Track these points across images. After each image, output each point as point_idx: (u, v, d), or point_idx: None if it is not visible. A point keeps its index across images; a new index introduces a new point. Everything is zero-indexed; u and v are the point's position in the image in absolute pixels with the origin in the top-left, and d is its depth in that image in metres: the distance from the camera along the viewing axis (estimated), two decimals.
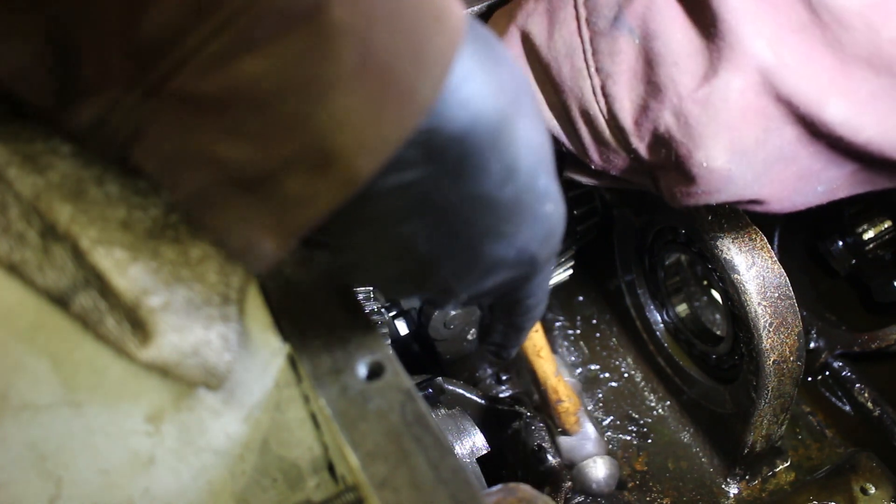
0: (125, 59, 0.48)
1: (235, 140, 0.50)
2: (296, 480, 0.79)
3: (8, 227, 0.62)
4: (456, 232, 0.58)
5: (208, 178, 0.52)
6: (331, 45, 0.47)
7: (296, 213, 0.52)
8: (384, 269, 0.62)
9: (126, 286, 0.62)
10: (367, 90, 0.49)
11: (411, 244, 0.58)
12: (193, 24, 0.46)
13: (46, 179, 0.60)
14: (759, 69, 0.81)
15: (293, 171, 0.50)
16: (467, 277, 0.63)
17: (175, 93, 0.48)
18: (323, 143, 0.49)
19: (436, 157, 0.53)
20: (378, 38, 0.48)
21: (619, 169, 0.98)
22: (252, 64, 0.47)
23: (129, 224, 0.62)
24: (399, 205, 0.55)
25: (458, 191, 0.56)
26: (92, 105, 0.50)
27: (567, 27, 0.91)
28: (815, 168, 0.88)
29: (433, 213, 0.56)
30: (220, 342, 0.66)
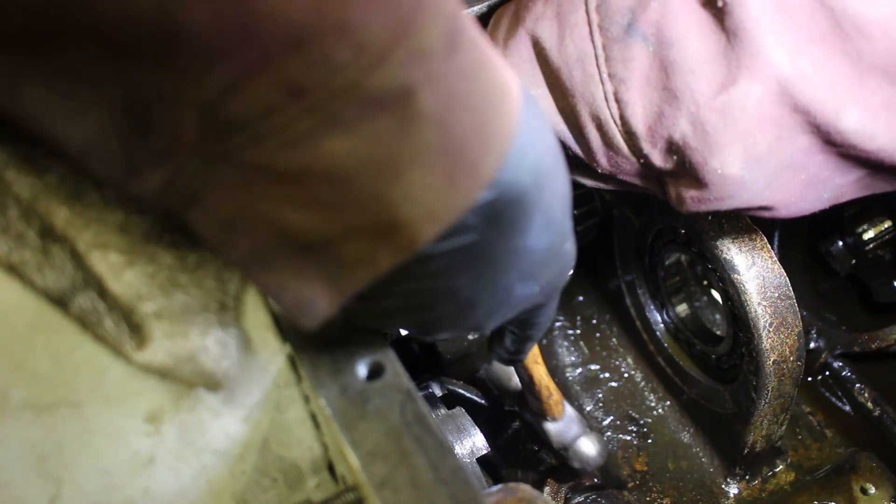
0: (199, 130, 0.47)
1: (305, 209, 0.50)
2: (296, 480, 0.79)
3: (7, 228, 0.62)
4: (495, 279, 0.61)
5: (267, 240, 0.52)
6: (414, 129, 0.49)
7: (352, 274, 0.53)
8: (422, 316, 0.64)
9: (121, 291, 0.62)
10: (441, 168, 0.51)
11: (453, 292, 0.61)
12: (285, 105, 0.46)
13: (44, 181, 0.60)
14: (778, 78, 0.82)
15: (356, 238, 0.52)
16: (498, 315, 0.67)
17: (248, 163, 0.48)
18: (393, 214, 0.51)
19: (494, 220, 0.56)
20: (455, 119, 0.50)
21: (627, 173, 0.98)
22: (336, 143, 0.48)
23: (127, 228, 0.62)
24: (451, 263, 0.58)
25: (505, 245, 0.59)
26: (157, 175, 0.50)
27: (578, 32, 0.91)
28: (823, 175, 0.89)
29: (480, 265, 0.59)
30: (218, 349, 0.65)
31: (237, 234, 0.52)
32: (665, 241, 1.35)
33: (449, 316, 0.64)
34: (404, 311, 0.63)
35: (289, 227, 0.51)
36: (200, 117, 0.47)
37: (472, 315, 0.64)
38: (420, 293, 0.60)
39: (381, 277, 0.54)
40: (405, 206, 0.50)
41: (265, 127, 0.47)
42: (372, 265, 0.53)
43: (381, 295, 0.61)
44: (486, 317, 0.66)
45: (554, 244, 0.63)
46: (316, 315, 0.56)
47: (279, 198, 0.50)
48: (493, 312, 0.66)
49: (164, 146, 0.48)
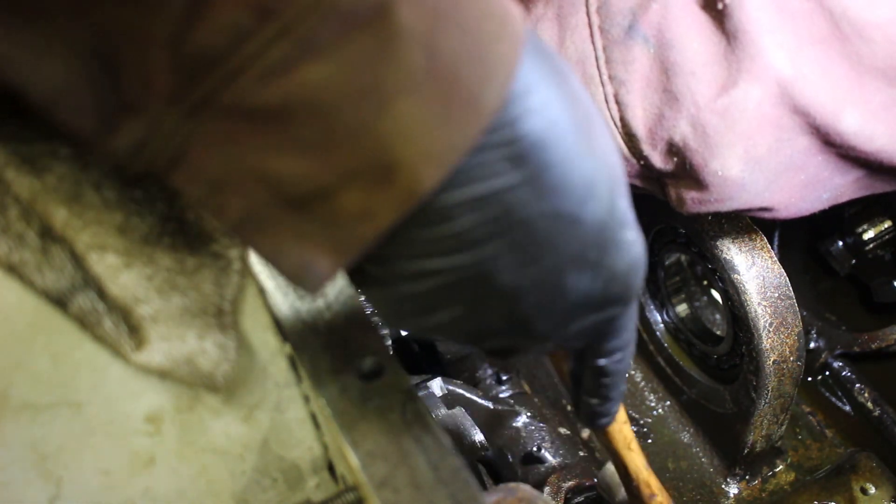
0: (171, 73, 0.44)
1: (291, 154, 0.46)
2: (296, 480, 0.79)
3: (7, 228, 0.62)
4: (539, 257, 0.53)
5: (259, 198, 0.48)
6: (396, 49, 0.45)
7: (353, 229, 0.49)
8: (457, 307, 0.55)
9: (118, 293, 0.62)
10: (433, 96, 0.46)
11: (490, 272, 0.53)
12: (254, 28, 0.43)
13: (43, 182, 0.60)
14: (778, 81, 0.82)
15: (352, 185, 0.47)
16: (552, 314, 0.57)
17: (226, 107, 0.45)
18: (385, 154, 0.46)
19: (520, 164, 0.50)
20: (443, 40, 0.46)
21: (627, 175, 0.98)
22: (314, 71, 0.44)
23: (126, 229, 0.62)
24: (478, 221, 0.51)
25: (542, 205, 0.51)
26: (132, 127, 0.47)
27: (579, 34, 0.91)
28: (822, 176, 0.89)
29: (515, 231, 0.52)
30: (216, 352, 0.65)
31: (227, 194, 0.48)
32: (665, 241, 1.35)
33: (491, 310, 0.55)
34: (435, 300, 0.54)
35: (279, 177, 0.47)
36: (170, 56, 0.44)
37: (520, 309, 0.55)
38: (447, 273, 0.52)
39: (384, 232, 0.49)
40: (398, 143, 0.46)
41: (237, 58, 0.44)
42: (374, 218, 0.48)
43: (402, 276, 0.53)
44: (538, 314, 0.56)
45: (606, 221, 0.54)
46: (317, 280, 0.51)
47: (265, 144, 0.46)
48: (546, 309, 0.56)
49: (137, 93, 0.45)
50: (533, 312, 0.56)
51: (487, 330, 0.57)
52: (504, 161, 0.49)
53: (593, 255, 0.55)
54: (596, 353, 0.68)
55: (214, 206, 0.49)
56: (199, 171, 0.48)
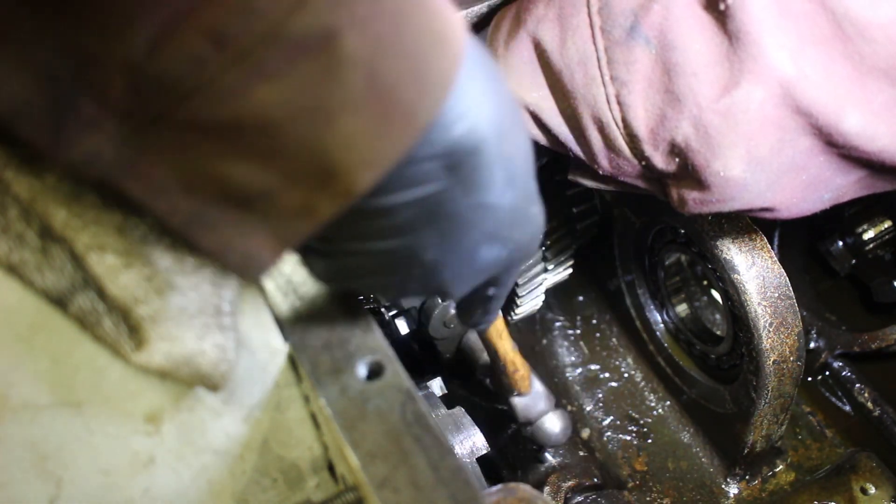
0: (127, 94, 0.48)
1: (239, 161, 0.51)
2: (296, 480, 0.79)
3: (7, 228, 0.62)
4: (459, 239, 0.61)
5: (206, 200, 0.53)
6: (341, 74, 0.49)
7: (293, 223, 0.54)
8: (389, 276, 0.64)
9: (117, 293, 0.62)
10: (372, 113, 0.51)
11: (419, 252, 0.61)
12: (211, 57, 0.47)
13: (43, 181, 0.60)
14: (780, 81, 0.82)
15: (294, 187, 0.52)
16: (465, 279, 0.67)
17: (180, 122, 0.49)
18: (325, 161, 0.51)
19: (454, 169, 0.57)
20: (384, 63, 0.50)
21: (629, 175, 0.98)
22: (265, 93, 0.48)
23: (125, 230, 0.62)
24: (414, 216, 0.58)
25: (468, 200, 0.59)
26: (87, 142, 0.50)
27: (580, 35, 0.91)
28: (824, 176, 0.89)
29: (443, 221, 0.59)
30: (216, 352, 0.65)
31: (176, 196, 0.52)
32: (665, 241, 1.35)
33: (414, 278, 0.64)
34: (369, 271, 0.63)
35: (227, 180, 0.51)
36: (128, 79, 0.47)
37: (438, 278, 0.64)
38: (384, 253, 0.60)
39: (322, 226, 0.54)
40: (339, 153, 0.51)
41: (193, 82, 0.47)
42: (312, 214, 0.53)
43: (344, 252, 0.61)
44: (452, 280, 0.66)
45: (519, 203, 0.63)
46: (260, 269, 0.57)
47: (215, 152, 0.50)
48: (459, 276, 0.66)
49: (93, 111, 0.49)
50: (449, 279, 0.65)
51: (408, 291, 0.67)
52: (441, 169, 0.56)
53: (505, 232, 0.64)
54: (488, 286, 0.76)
55: (163, 210, 0.54)
56: (148, 178, 0.52)
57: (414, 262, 0.62)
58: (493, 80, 0.59)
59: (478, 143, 0.57)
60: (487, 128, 0.57)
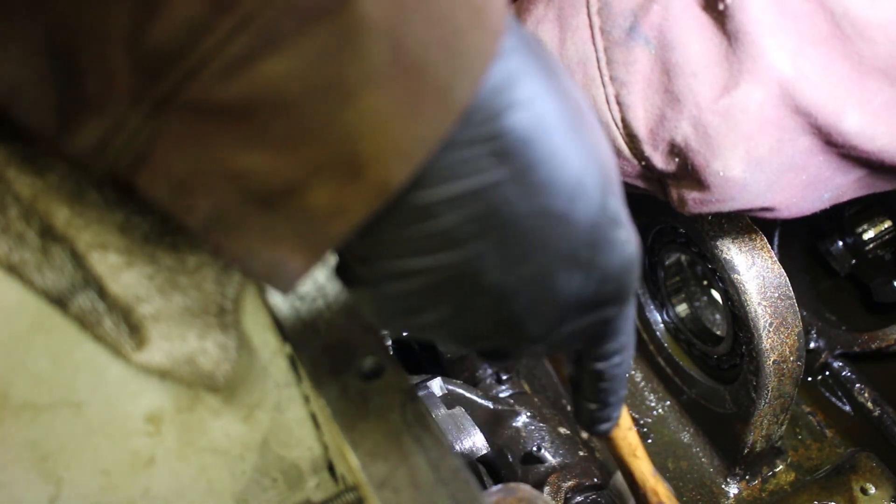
0: (131, 71, 0.44)
1: (257, 149, 0.46)
2: (296, 480, 0.79)
3: (7, 228, 0.62)
4: (527, 256, 0.52)
5: (226, 197, 0.47)
6: (359, 42, 0.43)
7: (324, 226, 0.48)
8: (448, 308, 0.54)
9: (119, 292, 0.62)
10: (399, 89, 0.45)
11: (477, 271, 0.51)
12: (211, 23, 0.42)
13: (45, 181, 0.60)
14: (780, 81, 0.82)
15: (320, 181, 0.46)
16: (543, 315, 0.55)
17: (189, 104, 0.44)
18: (352, 147, 0.45)
19: (505, 160, 0.49)
20: (410, 31, 0.44)
21: (628, 175, 0.98)
22: (276, 65, 0.43)
23: (127, 228, 0.61)
24: (462, 219, 0.49)
25: (528, 202, 0.50)
26: (94, 126, 0.46)
27: (580, 35, 0.91)
28: (824, 176, 0.89)
29: (501, 229, 0.50)
30: (217, 351, 0.65)
31: (194, 194, 0.47)
32: (665, 241, 1.35)
33: (481, 312, 0.54)
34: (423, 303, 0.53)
35: (246, 174, 0.46)
36: (128, 53, 0.43)
37: (509, 310, 0.54)
38: (434, 272, 0.51)
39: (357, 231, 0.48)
40: (364, 137, 0.45)
41: (197, 54, 0.43)
42: (344, 214, 0.47)
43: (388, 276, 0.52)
44: (527, 315, 0.54)
45: (597, 220, 0.53)
46: (290, 279, 0.50)
47: (230, 140, 0.45)
48: (536, 310, 0.54)
49: (97, 91, 0.45)
50: (522, 314, 0.54)
51: (476, 331, 0.56)
52: (489, 157, 0.48)
53: (584, 255, 0.53)
54: (592, 356, 0.66)
55: (181, 208, 0.48)
56: (163, 172, 0.47)
57: (475, 286, 0.52)
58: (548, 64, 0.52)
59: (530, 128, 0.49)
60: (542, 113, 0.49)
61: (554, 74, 0.52)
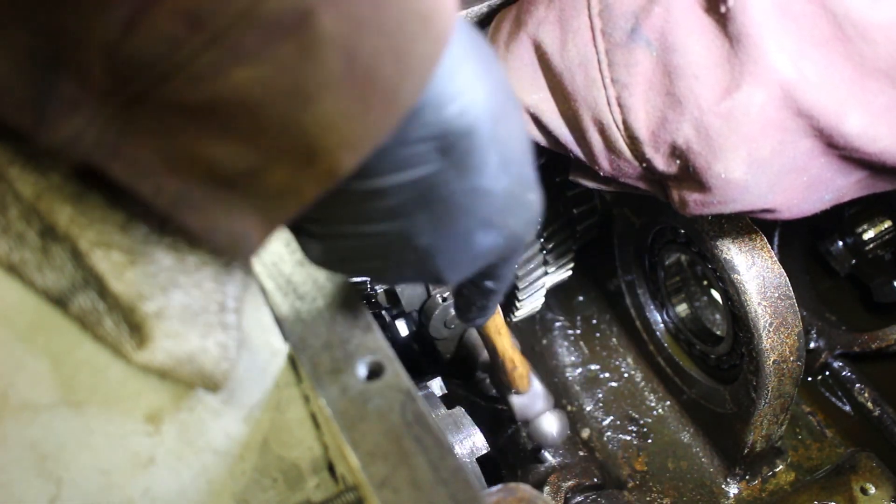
0: (107, 74, 0.48)
1: (222, 141, 0.51)
2: (296, 480, 0.79)
3: (8, 228, 0.62)
4: (454, 224, 0.61)
5: (191, 180, 0.53)
6: (318, 54, 0.49)
7: (279, 203, 0.54)
8: (383, 260, 0.64)
9: (122, 290, 0.62)
10: (351, 94, 0.51)
11: (413, 237, 0.61)
12: (185, 37, 0.47)
13: (48, 180, 0.60)
14: (781, 84, 0.82)
15: (278, 166, 0.52)
16: (459, 266, 0.66)
17: (159, 103, 0.49)
18: (309, 141, 0.51)
19: (447, 152, 0.57)
20: (362, 43, 0.50)
21: (629, 176, 0.98)
22: (242, 74, 0.48)
23: (128, 228, 0.62)
24: (408, 198, 0.58)
25: (461, 183, 0.59)
26: (69, 121, 0.50)
27: (581, 37, 0.91)
28: (825, 177, 0.89)
29: (436, 205, 0.59)
30: (218, 350, 0.65)
31: (161, 177, 0.53)
32: (665, 241, 1.35)
33: (409, 264, 0.64)
34: (363, 255, 0.63)
35: (210, 160, 0.52)
36: (106, 58, 0.47)
37: (433, 264, 0.64)
38: (377, 236, 0.60)
39: (307, 206, 0.54)
40: (320, 134, 0.51)
41: (170, 63, 0.47)
42: (298, 194, 0.54)
43: (338, 235, 0.61)
44: (447, 267, 0.65)
45: (514, 189, 0.62)
46: (249, 249, 0.57)
47: (196, 133, 0.51)
48: (454, 262, 0.65)
49: (74, 91, 0.49)
50: (443, 265, 0.64)
51: (402, 277, 0.67)
52: (433, 151, 0.56)
53: (499, 218, 0.63)
54: (486, 278, 0.76)
55: (150, 190, 0.54)
56: (133, 160, 0.52)
57: (408, 246, 0.62)
58: (487, 63, 0.59)
59: (471, 125, 0.56)
60: (481, 110, 0.57)
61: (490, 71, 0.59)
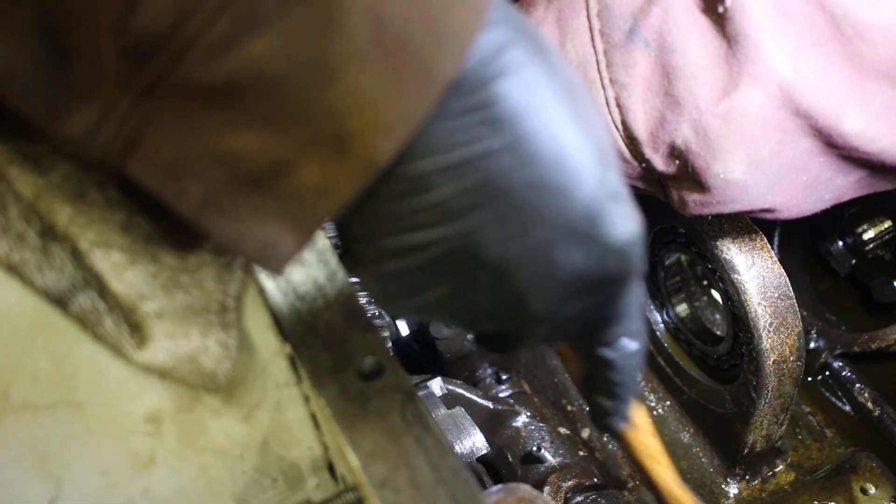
0: (119, 56, 0.45)
1: (245, 130, 0.46)
2: (296, 480, 0.79)
3: (8, 227, 0.62)
4: (526, 229, 0.51)
5: (217, 179, 0.48)
6: (340, 20, 0.44)
7: (313, 204, 0.48)
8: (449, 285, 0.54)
9: (123, 290, 0.62)
10: (381, 67, 0.45)
11: (476, 245, 0.51)
12: (194, 5, 0.43)
13: (47, 180, 0.60)
14: (780, 84, 0.82)
15: (307, 159, 0.47)
16: (544, 291, 0.54)
17: (176, 88, 0.45)
18: (337, 125, 0.46)
19: (498, 129, 0.49)
20: (391, 9, 0.45)
21: (629, 176, 0.99)
22: (258, 45, 0.44)
23: (129, 228, 0.62)
24: (458, 191, 0.49)
25: (524, 173, 0.50)
26: (84, 111, 0.47)
27: (580, 38, 0.91)
28: (824, 177, 0.89)
29: (498, 201, 0.50)
30: (219, 350, 0.65)
31: (185, 178, 0.48)
32: (665, 241, 1.35)
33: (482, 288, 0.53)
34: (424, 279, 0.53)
35: (235, 155, 0.47)
36: (116, 39, 0.44)
37: (510, 285, 0.53)
38: (434, 247, 0.51)
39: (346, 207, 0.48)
40: (348, 114, 0.45)
41: (181, 38, 0.44)
42: (332, 192, 0.47)
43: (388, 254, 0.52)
44: (529, 291, 0.53)
45: (595, 193, 0.52)
46: (282, 259, 0.51)
47: (218, 122, 0.46)
48: (537, 286, 0.53)
49: (87, 77, 0.46)
50: (524, 288, 0.53)
51: (478, 308, 0.55)
52: (481, 126, 0.48)
53: (584, 229, 0.52)
54: (599, 341, 0.64)
55: (173, 193, 0.49)
56: (154, 156, 0.48)
57: (475, 261, 0.51)
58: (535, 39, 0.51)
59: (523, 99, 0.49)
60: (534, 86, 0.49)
61: (542, 47, 0.52)
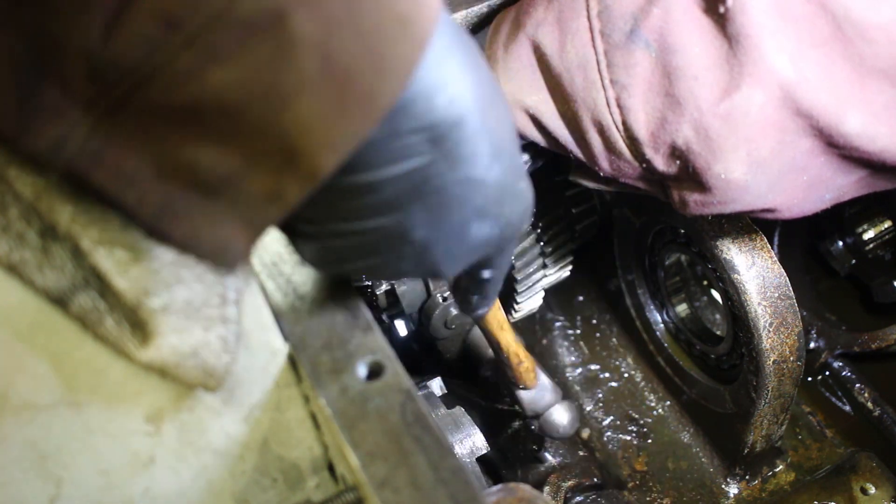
0: (87, 80, 0.49)
1: (202, 144, 0.52)
2: (296, 480, 0.79)
3: (8, 227, 0.62)
4: (449, 216, 0.62)
5: (174, 189, 0.54)
6: (292, 55, 0.50)
7: (263, 209, 0.55)
8: (380, 256, 0.64)
9: (127, 287, 0.62)
10: (328, 95, 0.51)
11: (408, 230, 0.61)
12: (164, 39, 0.48)
13: (47, 180, 0.60)
14: (780, 84, 0.82)
15: (258, 170, 0.53)
16: (456, 258, 0.67)
17: (140, 109, 0.50)
18: (288, 143, 0.52)
19: (438, 143, 0.58)
20: (338, 44, 0.51)
21: (629, 177, 0.98)
22: (219, 75, 0.49)
23: (129, 226, 0.62)
24: (402, 192, 0.59)
25: (454, 174, 0.60)
26: (51, 128, 0.51)
27: (580, 38, 0.91)
28: (825, 176, 0.89)
29: (430, 197, 0.60)
30: (220, 344, 0.66)
31: (145, 185, 0.54)
32: (665, 241, 1.35)
33: (406, 258, 0.64)
34: (359, 253, 0.63)
35: (193, 166, 0.52)
36: (88, 65, 0.48)
37: (430, 257, 0.65)
38: (372, 232, 0.61)
39: (291, 210, 0.55)
40: (298, 135, 0.52)
41: (148, 66, 0.48)
42: (281, 198, 0.54)
43: (332, 234, 0.62)
44: (444, 259, 0.66)
45: (506, 178, 0.63)
46: (235, 257, 0.58)
47: (178, 137, 0.51)
48: (451, 255, 0.66)
49: (56, 97, 0.50)
50: (440, 258, 0.65)
51: (400, 272, 0.67)
52: (425, 143, 0.57)
53: (494, 208, 0.64)
54: (483, 267, 0.76)
55: (133, 200, 0.55)
56: (117, 168, 0.53)
57: (404, 240, 0.62)
58: (472, 55, 0.60)
59: (460, 115, 0.57)
60: (469, 100, 0.58)
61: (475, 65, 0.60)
